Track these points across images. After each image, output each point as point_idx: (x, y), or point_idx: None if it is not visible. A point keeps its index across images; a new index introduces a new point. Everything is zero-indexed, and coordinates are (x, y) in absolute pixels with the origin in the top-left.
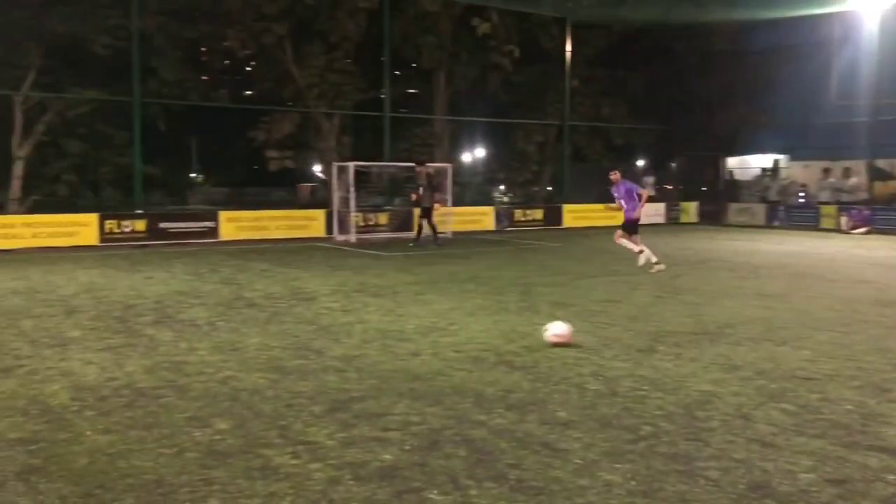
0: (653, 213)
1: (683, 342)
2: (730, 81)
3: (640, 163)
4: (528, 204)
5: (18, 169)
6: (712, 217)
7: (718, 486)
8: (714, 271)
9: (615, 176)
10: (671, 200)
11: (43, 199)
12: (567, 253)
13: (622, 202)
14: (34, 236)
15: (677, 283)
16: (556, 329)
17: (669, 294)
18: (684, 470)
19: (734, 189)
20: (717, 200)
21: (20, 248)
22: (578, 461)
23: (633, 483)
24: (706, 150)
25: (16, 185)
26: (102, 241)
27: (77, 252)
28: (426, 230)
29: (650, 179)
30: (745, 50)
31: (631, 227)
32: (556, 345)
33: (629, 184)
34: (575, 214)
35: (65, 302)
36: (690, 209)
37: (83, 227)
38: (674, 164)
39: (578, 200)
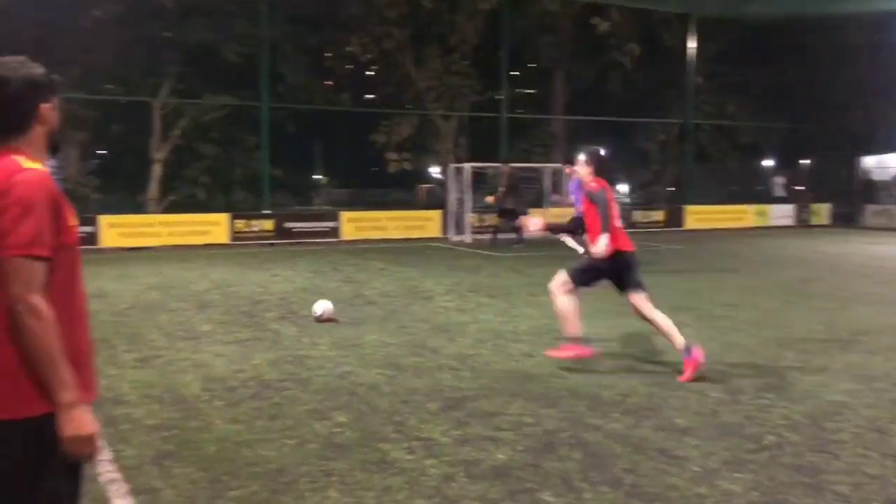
0: (781, 215)
1: (812, 349)
2: (866, 76)
3: (768, 163)
4: (648, 205)
5: (156, 171)
6: (846, 219)
7: (849, 501)
8: (847, 276)
9: (571, 170)
10: (802, 202)
11: (178, 199)
12: (689, 255)
13: (573, 198)
14: (170, 235)
15: (807, 288)
16: (320, 308)
17: (798, 299)
18: (810, 483)
19: (871, 190)
20: (852, 202)
21: (158, 246)
22: (696, 469)
23: (755, 494)
24: (840, 149)
25: (154, 187)
26: (233, 239)
27: (209, 250)
28: (518, 229)
29: (780, 180)
30: (884, 42)
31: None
32: (326, 321)
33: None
34: (698, 216)
35: (197, 297)
36: (822, 211)
37: (215, 227)
38: (805, 164)
39: (702, 201)
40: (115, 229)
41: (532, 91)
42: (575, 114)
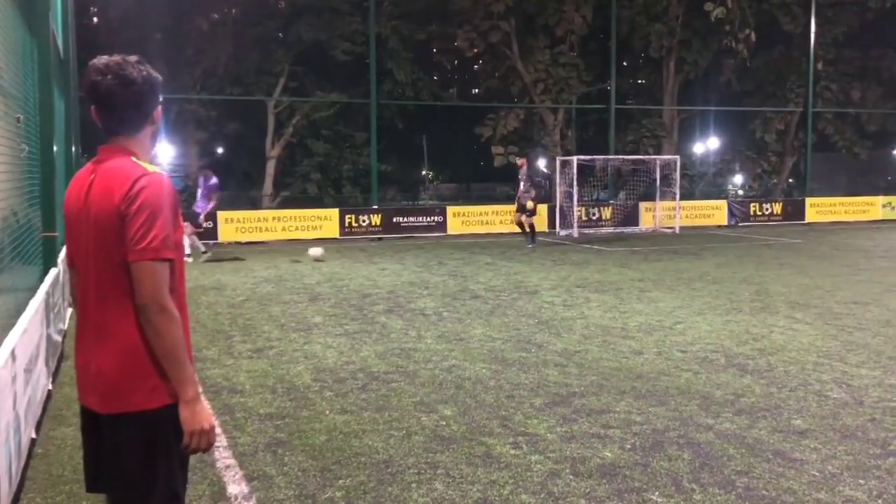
0: None
1: None
2: None
3: None
4: (765, 197)
5: (270, 168)
6: None
7: None
8: None
9: (204, 173)
10: None
11: (291, 195)
12: (809, 250)
13: (198, 200)
14: (283, 229)
15: None
16: None
17: None
18: None
19: None
20: None
21: (271, 240)
22: (815, 473)
23: (880, 502)
24: None
25: (268, 183)
26: (342, 233)
27: (320, 244)
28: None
29: None
30: None
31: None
32: None
33: (212, 182)
34: (819, 208)
35: (309, 290)
36: None
37: (326, 221)
38: None
39: (823, 193)
40: (231, 224)
41: (641, 81)
42: (686, 103)
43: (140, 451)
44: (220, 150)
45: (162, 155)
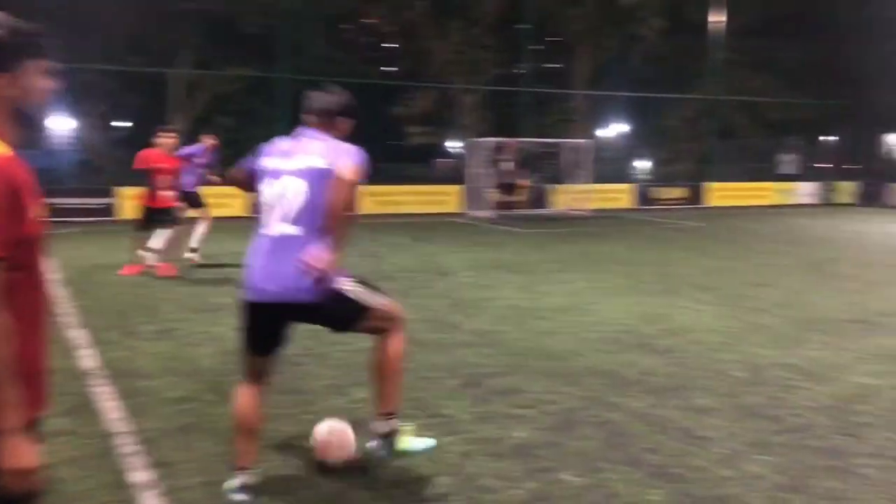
0: (804, 193)
1: (837, 330)
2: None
3: (798, 141)
4: (670, 182)
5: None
6: (870, 198)
7: (875, 485)
8: (872, 256)
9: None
10: (825, 180)
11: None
12: (711, 233)
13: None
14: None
15: (832, 269)
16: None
17: (823, 279)
18: (837, 466)
19: (894, 168)
20: (876, 180)
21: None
22: (720, 450)
23: (781, 477)
24: (867, 127)
25: None
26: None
27: (231, 222)
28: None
29: (788, 157)
30: None
31: None
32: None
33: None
34: (721, 193)
35: (215, 269)
36: (846, 189)
37: (234, 199)
38: (829, 141)
39: (725, 178)
40: (133, 202)
41: (558, 66)
42: (598, 89)
43: None
44: (126, 124)
45: (61, 127)
